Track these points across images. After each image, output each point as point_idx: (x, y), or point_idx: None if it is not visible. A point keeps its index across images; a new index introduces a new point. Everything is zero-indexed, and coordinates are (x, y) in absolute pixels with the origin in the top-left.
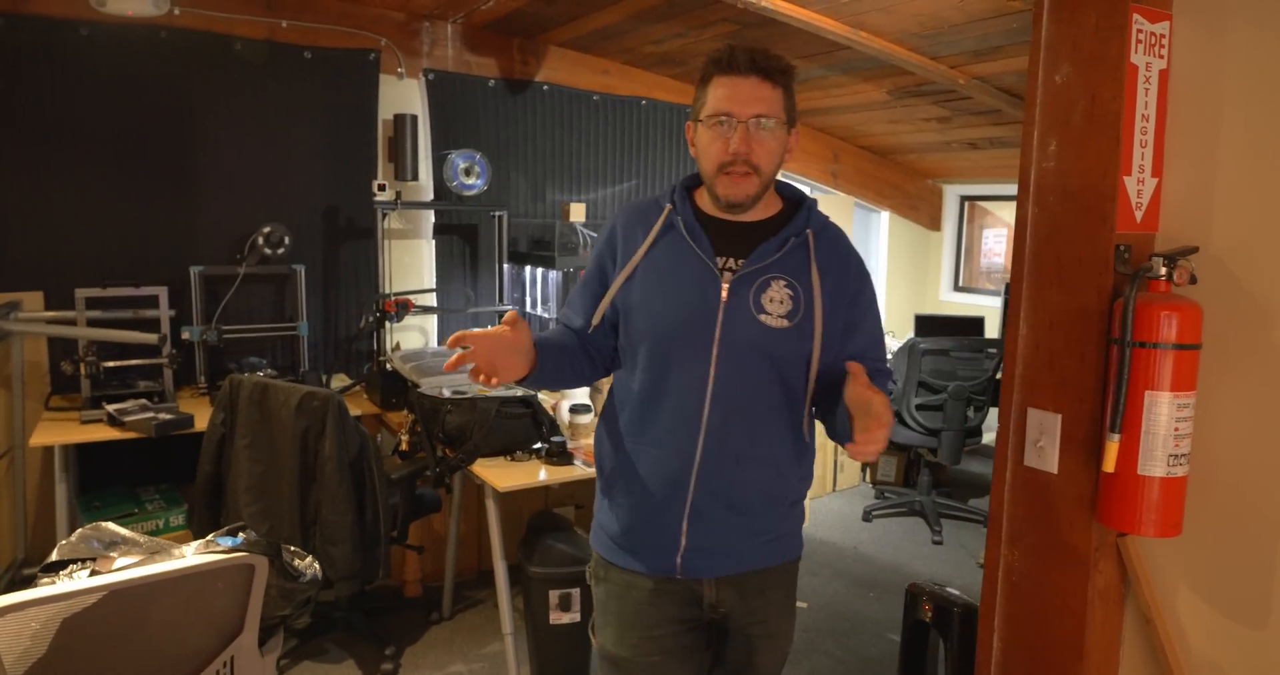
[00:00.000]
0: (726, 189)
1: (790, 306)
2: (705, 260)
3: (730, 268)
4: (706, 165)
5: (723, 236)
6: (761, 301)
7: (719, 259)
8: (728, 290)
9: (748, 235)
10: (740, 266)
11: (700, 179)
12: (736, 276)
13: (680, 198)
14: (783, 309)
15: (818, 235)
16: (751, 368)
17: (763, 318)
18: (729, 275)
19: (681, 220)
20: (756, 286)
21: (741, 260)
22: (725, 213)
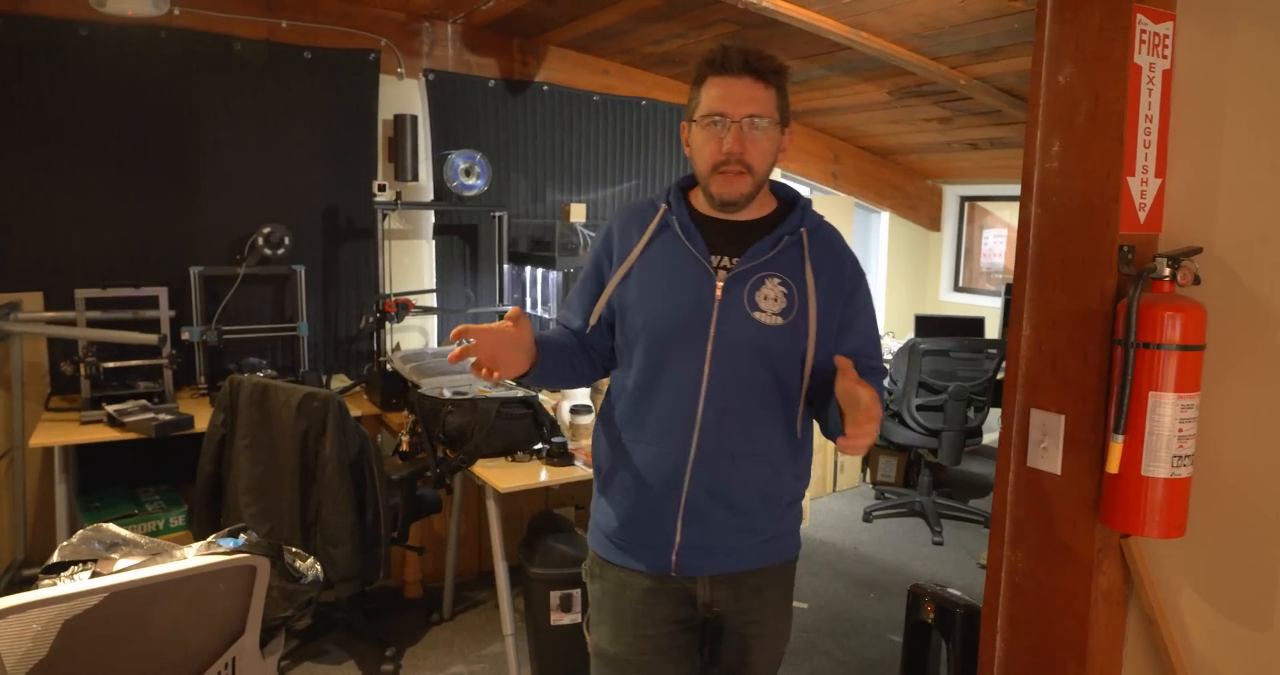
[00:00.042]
0: (720, 188)
1: (784, 304)
2: (700, 259)
3: (725, 266)
4: (701, 165)
5: (717, 235)
6: (756, 299)
7: (714, 258)
8: (722, 288)
9: (742, 234)
10: (735, 265)
11: (695, 179)
12: (731, 274)
13: (675, 198)
14: (777, 306)
15: (812, 234)
16: (746, 365)
17: (757, 315)
18: (724, 273)
19: (676, 220)
20: (751, 284)
21: (736, 259)
22: (720, 212)
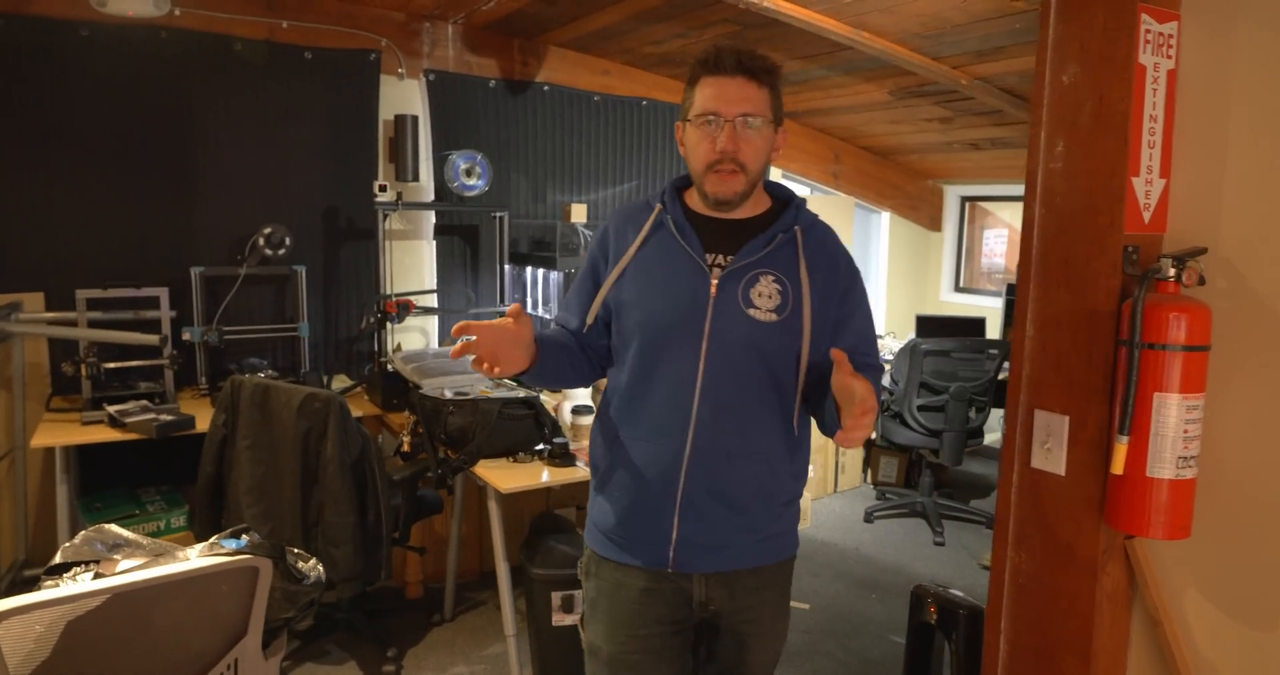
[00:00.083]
0: (715, 186)
1: (779, 301)
2: (695, 257)
3: (719, 264)
4: (695, 164)
5: (712, 234)
6: (750, 296)
7: (708, 256)
8: (717, 285)
9: (736, 232)
10: (729, 262)
11: (690, 179)
12: (725, 272)
13: (670, 198)
14: (771, 303)
15: (806, 232)
16: (741, 362)
17: (751, 312)
18: (718, 271)
19: (671, 218)
20: (745, 281)
21: (731, 257)
22: (714, 211)
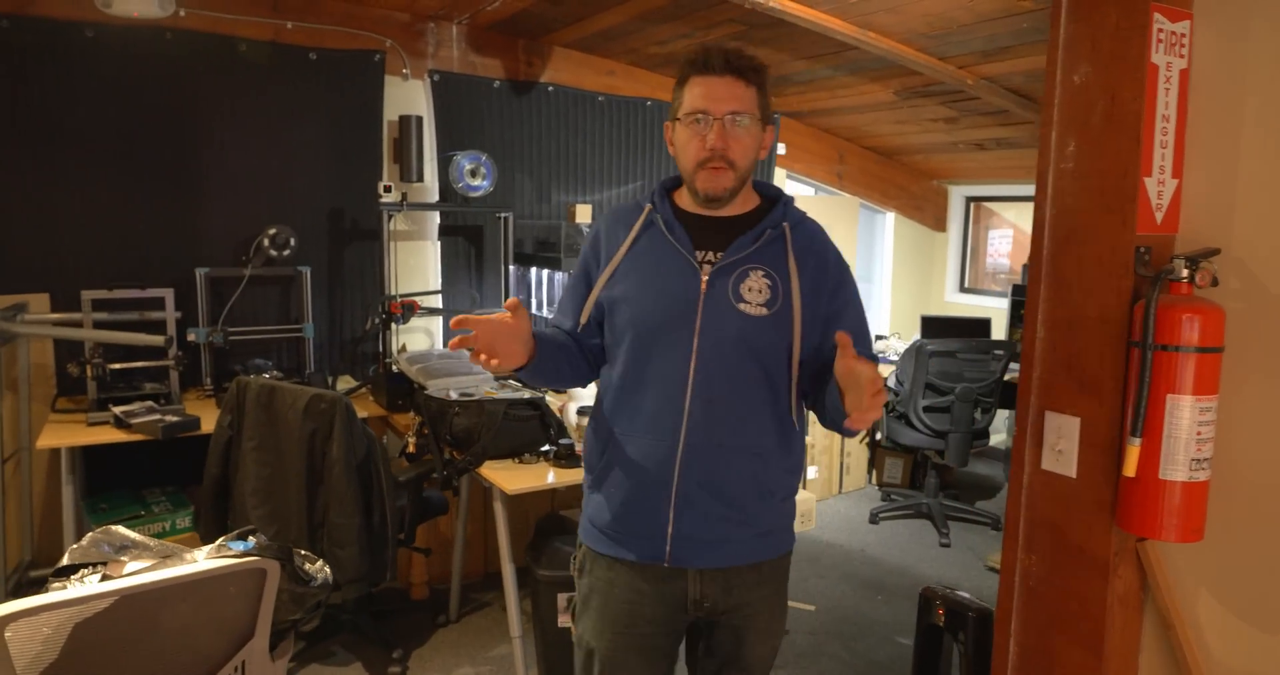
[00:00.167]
0: (705, 183)
1: (769, 295)
2: (684, 253)
3: (710, 261)
4: (685, 162)
5: (701, 231)
6: (740, 291)
7: (698, 253)
8: (707, 281)
9: (726, 229)
10: (719, 258)
11: (679, 180)
12: (715, 268)
13: (660, 197)
14: (761, 298)
15: (794, 228)
16: (732, 357)
17: (741, 306)
18: (708, 267)
19: (661, 217)
20: (735, 277)
21: (720, 253)
22: (704, 208)
